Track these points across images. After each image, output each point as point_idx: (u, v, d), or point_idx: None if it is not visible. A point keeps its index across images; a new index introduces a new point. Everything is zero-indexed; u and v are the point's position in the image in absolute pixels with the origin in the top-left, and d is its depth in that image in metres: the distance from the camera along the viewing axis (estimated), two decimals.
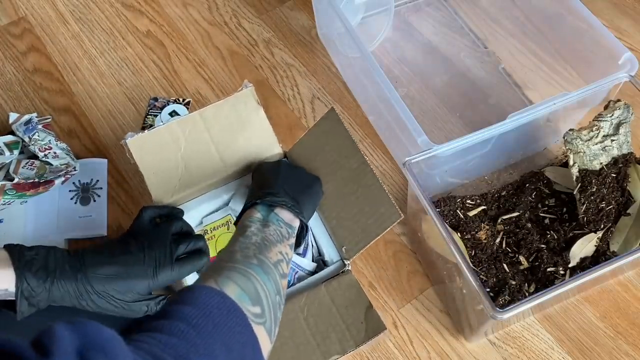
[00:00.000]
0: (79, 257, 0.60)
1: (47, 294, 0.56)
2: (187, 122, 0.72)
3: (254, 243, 0.58)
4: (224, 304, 0.47)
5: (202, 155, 0.73)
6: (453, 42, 1.05)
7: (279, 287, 0.55)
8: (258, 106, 0.73)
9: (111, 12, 1.12)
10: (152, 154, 0.71)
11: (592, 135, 0.78)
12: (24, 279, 0.55)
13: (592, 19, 0.81)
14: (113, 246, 0.63)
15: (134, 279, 0.61)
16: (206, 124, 0.73)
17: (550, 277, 0.75)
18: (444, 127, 0.94)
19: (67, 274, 0.58)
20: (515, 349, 0.78)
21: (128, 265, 0.61)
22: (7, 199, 0.88)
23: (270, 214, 0.65)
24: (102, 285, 0.59)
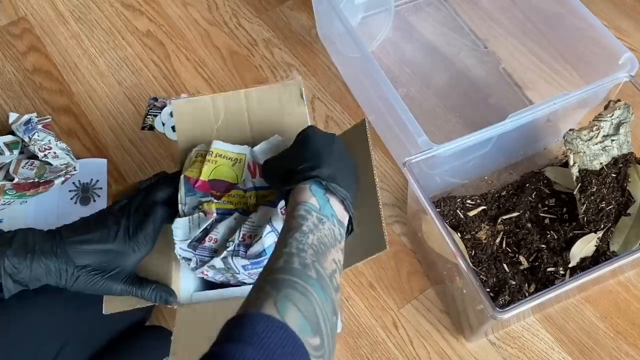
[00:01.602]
0: (56, 233, 0.60)
1: (29, 271, 0.56)
2: (231, 98, 0.73)
3: (310, 245, 0.50)
4: (287, 341, 0.40)
5: (235, 133, 0.73)
6: (453, 42, 1.05)
7: (335, 306, 0.48)
8: (301, 100, 0.73)
9: (111, 11, 1.12)
10: (191, 120, 0.73)
11: (592, 135, 0.78)
12: (4, 257, 0.55)
13: (592, 19, 0.81)
14: (89, 220, 0.61)
15: (114, 252, 0.58)
16: (248, 105, 0.73)
17: (551, 277, 0.75)
18: (444, 127, 0.94)
19: (46, 250, 0.57)
20: (515, 349, 0.78)
21: (104, 237, 0.58)
22: (7, 199, 0.88)
23: (325, 205, 0.54)
24: (81, 258, 0.57)
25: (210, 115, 0.73)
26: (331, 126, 0.98)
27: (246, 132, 0.73)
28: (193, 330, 0.63)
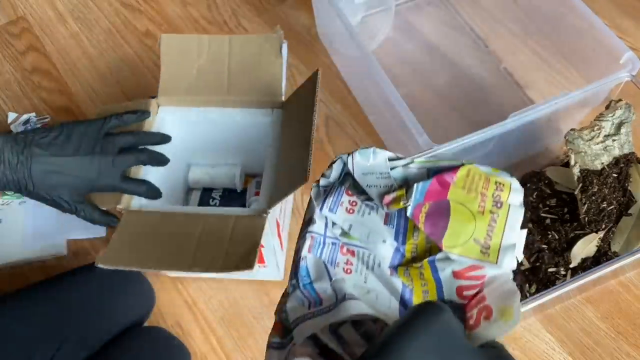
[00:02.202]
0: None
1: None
2: (216, 41, 0.78)
3: None
4: None
5: (213, 75, 0.77)
6: (454, 42, 1.05)
7: None
8: (279, 54, 0.77)
9: (110, 11, 1.12)
10: (176, 53, 0.78)
11: (593, 135, 0.77)
12: None
13: (593, 18, 0.81)
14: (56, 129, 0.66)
15: (74, 159, 0.65)
16: (231, 50, 0.78)
17: (552, 277, 0.75)
18: (444, 127, 0.94)
19: (17, 143, 0.63)
20: (516, 350, 0.77)
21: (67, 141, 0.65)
22: (6, 199, 0.88)
23: None
24: (42, 152, 0.63)
25: (194, 53, 0.78)
26: (331, 126, 0.97)
27: (223, 75, 0.77)
28: (135, 231, 0.67)
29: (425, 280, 0.39)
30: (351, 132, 0.96)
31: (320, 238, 0.40)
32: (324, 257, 0.40)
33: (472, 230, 0.39)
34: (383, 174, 0.42)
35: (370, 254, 0.40)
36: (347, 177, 0.42)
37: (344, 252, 0.40)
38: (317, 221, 0.40)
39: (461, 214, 0.39)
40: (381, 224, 0.41)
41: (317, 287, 0.38)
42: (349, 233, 0.41)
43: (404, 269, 0.40)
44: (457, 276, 0.39)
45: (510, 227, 0.40)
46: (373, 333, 0.35)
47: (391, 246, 0.40)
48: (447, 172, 0.41)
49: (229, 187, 0.87)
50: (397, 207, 0.40)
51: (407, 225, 0.41)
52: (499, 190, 0.41)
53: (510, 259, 0.39)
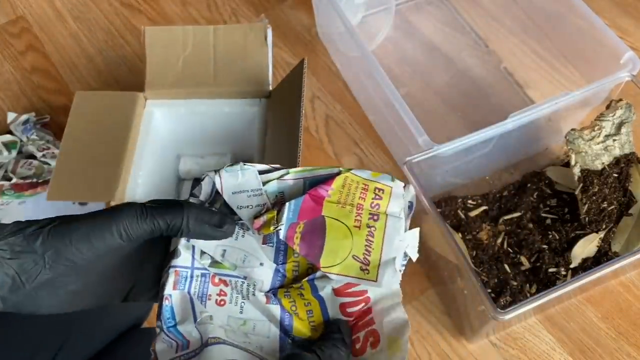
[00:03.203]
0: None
1: None
2: (201, 32, 0.78)
3: None
4: None
5: (199, 66, 0.77)
6: (454, 41, 1.04)
7: None
8: (265, 43, 0.76)
9: (109, 10, 1.12)
10: (161, 46, 0.77)
11: (593, 135, 0.77)
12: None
13: (593, 18, 0.80)
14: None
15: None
16: (215, 40, 0.78)
17: (552, 277, 0.75)
18: (444, 127, 0.94)
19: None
20: (516, 350, 0.77)
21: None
22: (6, 199, 0.87)
23: None
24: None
25: (179, 45, 0.78)
26: (331, 126, 0.97)
27: (209, 65, 0.78)
28: None
29: (308, 301, 0.37)
30: (351, 132, 0.96)
31: (187, 272, 0.36)
32: (192, 292, 0.36)
33: (350, 247, 0.37)
34: (254, 190, 0.38)
35: (244, 282, 0.37)
36: (218, 196, 0.39)
37: (216, 283, 0.37)
38: (182, 253, 0.36)
39: (337, 231, 0.37)
40: (258, 245, 0.38)
41: (181, 329, 0.34)
42: (224, 259, 0.37)
43: (284, 290, 0.37)
44: (338, 294, 0.37)
45: (388, 241, 0.38)
46: None
47: (270, 268, 0.38)
48: (321, 185, 0.38)
49: None
50: (268, 231, 0.36)
51: (287, 244, 0.38)
52: (378, 199, 0.39)
53: (390, 275, 0.37)
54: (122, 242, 0.34)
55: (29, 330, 0.64)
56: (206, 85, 0.77)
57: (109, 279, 0.36)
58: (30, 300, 0.34)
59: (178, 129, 0.82)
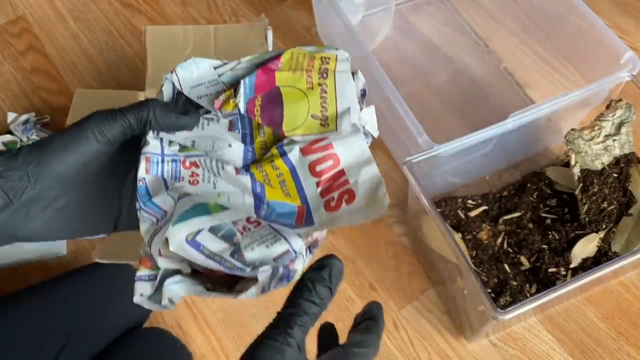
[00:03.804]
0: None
1: None
2: (201, 31, 0.78)
3: None
4: None
5: None
6: (454, 41, 1.04)
7: None
8: (265, 41, 0.76)
9: (109, 11, 1.12)
10: (162, 45, 0.77)
11: (593, 135, 0.77)
12: None
13: (593, 18, 0.80)
14: None
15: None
16: (216, 40, 0.78)
17: (552, 277, 0.75)
18: (444, 127, 0.94)
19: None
20: (516, 350, 0.77)
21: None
22: None
23: None
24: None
25: (180, 45, 0.78)
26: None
27: None
28: None
29: (279, 170, 0.39)
30: None
31: (158, 157, 0.37)
32: (165, 175, 0.37)
33: (307, 108, 0.40)
34: (211, 81, 0.40)
35: (213, 159, 0.38)
36: (180, 96, 0.41)
37: (187, 166, 0.38)
38: (150, 142, 0.37)
39: (292, 96, 0.40)
40: (225, 131, 0.40)
41: (156, 201, 0.36)
42: (194, 148, 0.39)
43: (256, 165, 0.39)
44: (305, 152, 0.39)
45: (340, 94, 0.40)
46: (233, 233, 0.33)
47: (239, 148, 0.40)
48: (270, 61, 0.40)
49: None
50: (229, 107, 0.39)
51: (251, 126, 0.40)
52: (325, 64, 0.41)
53: (348, 122, 0.40)
54: (98, 143, 0.35)
55: (31, 330, 0.65)
56: None
57: (94, 197, 0.36)
58: (21, 219, 0.34)
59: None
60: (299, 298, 0.31)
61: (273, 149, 0.39)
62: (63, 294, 0.71)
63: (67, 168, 0.34)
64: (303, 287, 0.32)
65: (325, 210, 0.37)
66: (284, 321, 0.31)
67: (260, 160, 0.39)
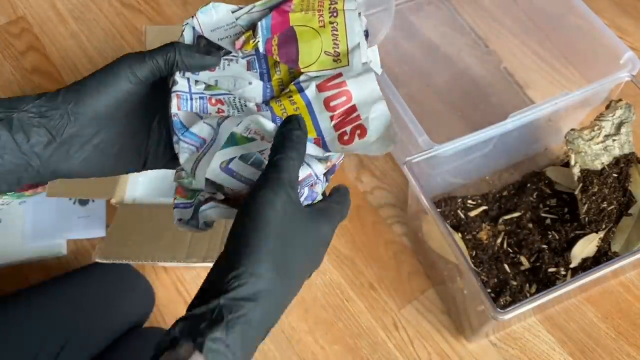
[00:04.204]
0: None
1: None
2: None
3: None
4: None
5: None
6: (454, 41, 1.05)
7: None
8: None
9: (110, 11, 1.12)
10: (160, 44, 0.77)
11: (593, 135, 0.77)
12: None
13: (593, 18, 0.80)
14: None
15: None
16: None
17: (552, 277, 0.75)
18: (444, 127, 0.94)
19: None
20: (516, 350, 0.77)
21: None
22: (6, 199, 0.88)
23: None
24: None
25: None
26: None
27: None
28: (130, 225, 0.66)
29: (296, 105, 0.42)
30: None
31: (186, 95, 0.41)
32: (194, 111, 0.41)
33: (320, 45, 0.43)
34: (229, 24, 0.43)
35: (236, 97, 0.42)
36: (200, 39, 0.44)
37: (213, 103, 0.41)
38: (179, 81, 0.41)
39: (306, 34, 0.43)
40: (244, 70, 0.43)
41: (194, 130, 0.39)
42: (218, 87, 0.43)
43: (275, 100, 0.42)
44: (321, 89, 0.42)
45: (350, 31, 0.43)
46: (261, 161, 0.39)
47: (259, 85, 0.43)
48: (283, 3, 0.44)
49: None
50: (249, 47, 0.42)
51: (268, 65, 0.43)
52: (334, 3, 0.44)
53: (358, 57, 0.43)
54: (130, 83, 0.38)
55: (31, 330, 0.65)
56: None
57: (125, 137, 0.39)
58: (63, 156, 0.37)
59: None
60: (280, 152, 0.35)
61: (291, 85, 0.42)
62: (63, 294, 0.71)
63: (103, 107, 0.37)
64: (280, 139, 0.36)
65: (340, 143, 0.41)
66: (274, 166, 0.34)
67: (279, 96, 0.43)
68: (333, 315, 0.81)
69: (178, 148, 0.39)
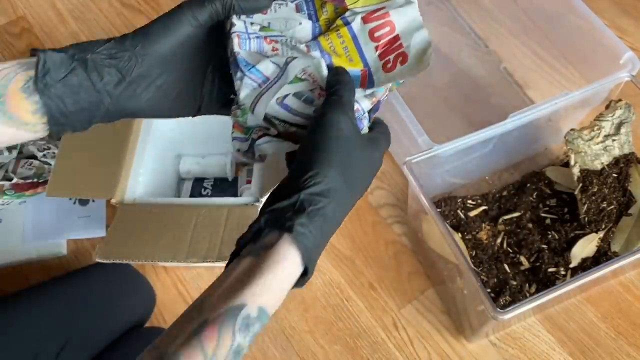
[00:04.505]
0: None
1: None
2: None
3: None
4: None
5: None
6: (454, 42, 1.05)
7: None
8: None
9: (110, 11, 1.12)
10: None
11: (593, 135, 0.77)
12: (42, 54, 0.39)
13: (593, 18, 0.81)
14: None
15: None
16: None
17: (552, 277, 0.75)
18: (444, 127, 0.94)
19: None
20: (516, 350, 0.77)
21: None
22: (6, 199, 0.88)
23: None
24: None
25: None
26: None
27: None
28: (130, 224, 0.67)
29: (342, 38, 0.44)
30: None
31: (245, 35, 0.43)
32: (253, 50, 0.44)
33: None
34: None
35: (288, 38, 0.45)
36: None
37: (268, 42, 0.44)
38: (236, 23, 0.43)
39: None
40: (294, 12, 0.46)
41: (259, 67, 0.42)
42: (271, 29, 0.45)
43: (324, 35, 0.45)
44: (366, 20, 0.44)
45: None
46: (312, 98, 0.42)
47: (308, 25, 0.45)
48: None
49: (220, 176, 0.88)
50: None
51: (315, 7, 0.46)
52: None
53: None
54: (191, 27, 0.41)
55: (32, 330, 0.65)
56: None
57: (184, 80, 0.42)
58: (131, 95, 0.40)
59: (179, 128, 0.82)
60: (338, 86, 0.40)
61: (338, 20, 0.45)
62: (63, 294, 0.71)
63: (166, 49, 0.40)
64: (336, 78, 0.41)
65: (383, 72, 0.44)
66: (335, 95, 0.40)
67: (327, 31, 0.45)
68: (333, 315, 0.81)
69: (240, 84, 0.42)
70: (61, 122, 0.38)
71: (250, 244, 0.37)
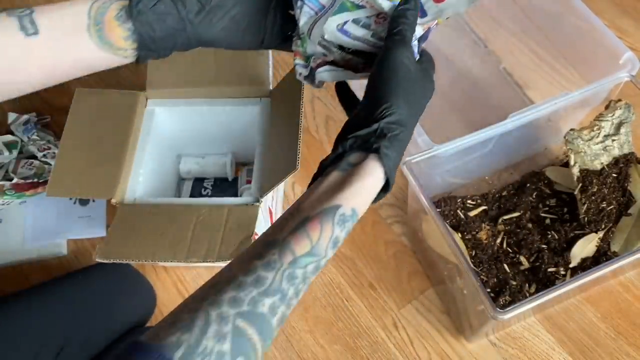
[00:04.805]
0: None
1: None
2: None
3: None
4: None
5: (200, 65, 0.79)
6: (454, 42, 1.05)
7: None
8: (267, 51, 0.77)
9: None
10: None
11: (593, 135, 0.77)
12: None
13: (593, 18, 0.81)
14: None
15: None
16: None
17: (551, 277, 0.75)
18: (444, 127, 0.94)
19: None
20: (516, 350, 0.77)
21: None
22: (6, 199, 0.88)
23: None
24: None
25: None
26: (331, 126, 0.97)
27: (210, 64, 0.79)
28: (130, 224, 0.68)
29: None
30: None
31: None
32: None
33: None
34: None
35: None
36: None
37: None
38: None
39: None
40: None
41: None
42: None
43: None
44: None
45: None
46: (369, 24, 0.45)
47: None
48: None
49: (220, 176, 0.88)
50: None
51: None
52: None
53: None
54: None
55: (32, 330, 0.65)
56: (207, 85, 0.78)
57: (252, 14, 0.46)
58: (207, 24, 0.44)
59: (179, 128, 0.82)
60: (401, 23, 0.43)
61: None
62: (63, 294, 0.71)
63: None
64: (401, 12, 0.43)
65: (434, 2, 0.45)
66: (398, 34, 0.43)
67: None
68: (333, 315, 0.81)
69: (299, 13, 0.45)
70: (150, 47, 0.42)
71: (331, 165, 0.42)
